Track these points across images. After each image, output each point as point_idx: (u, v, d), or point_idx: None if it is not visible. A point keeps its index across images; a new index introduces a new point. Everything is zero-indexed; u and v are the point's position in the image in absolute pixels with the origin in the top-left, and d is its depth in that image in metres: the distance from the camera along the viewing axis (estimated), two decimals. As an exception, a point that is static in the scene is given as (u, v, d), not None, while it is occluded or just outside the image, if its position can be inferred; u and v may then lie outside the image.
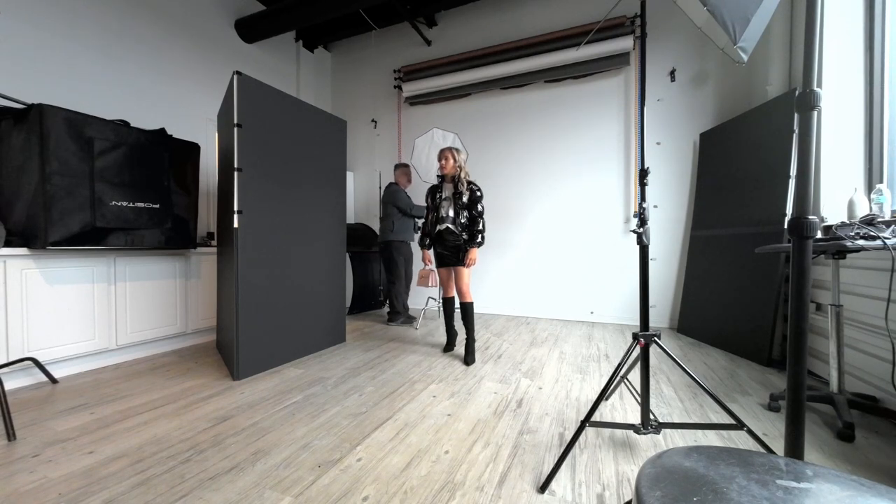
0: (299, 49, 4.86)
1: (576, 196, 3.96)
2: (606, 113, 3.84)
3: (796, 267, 0.82)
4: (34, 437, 1.60)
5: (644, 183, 1.42)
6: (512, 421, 1.74)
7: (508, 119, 4.26)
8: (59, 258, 2.30)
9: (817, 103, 0.79)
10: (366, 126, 5.05)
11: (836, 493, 0.53)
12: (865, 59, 2.24)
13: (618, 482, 1.29)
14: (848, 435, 1.54)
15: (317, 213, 2.78)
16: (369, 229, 4.64)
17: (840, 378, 1.71)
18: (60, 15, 2.76)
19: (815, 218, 0.81)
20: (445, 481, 1.30)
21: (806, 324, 0.81)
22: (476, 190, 2.59)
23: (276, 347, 2.48)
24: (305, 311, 2.69)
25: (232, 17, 4.05)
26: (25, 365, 2.15)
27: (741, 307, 2.73)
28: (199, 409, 1.87)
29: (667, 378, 2.25)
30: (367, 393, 2.06)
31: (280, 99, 2.51)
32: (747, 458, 0.61)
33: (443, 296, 2.83)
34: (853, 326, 1.96)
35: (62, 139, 2.18)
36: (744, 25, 1.04)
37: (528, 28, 4.09)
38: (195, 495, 1.23)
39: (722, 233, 3.03)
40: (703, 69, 3.46)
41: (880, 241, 1.46)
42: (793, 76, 2.93)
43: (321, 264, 2.83)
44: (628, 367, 1.66)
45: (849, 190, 2.01)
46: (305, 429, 1.66)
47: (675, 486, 0.54)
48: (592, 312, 3.88)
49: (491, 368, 2.45)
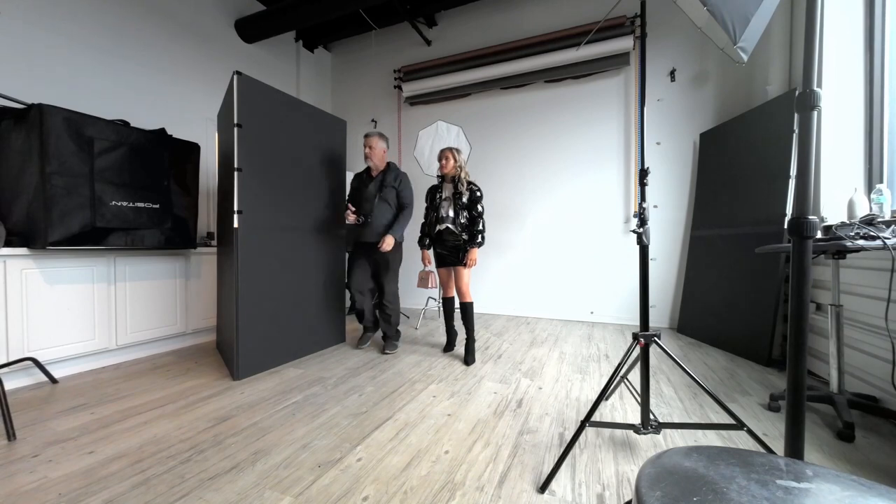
0: (299, 49, 4.86)
1: (576, 196, 3.96)
2: (606, 113, 3.84)
3: (796, 267, 0.82)
4: (34, 437, 1.60)
5: (644, 183, 1.42)
6: (512, 421, 1.74)
7: (508, 119, 4.26)
8: (59, 258, 2.30)
9: (817, 103, 0.79)
10: (366, 126, 5.04)
11: (836, 493, 0.53)
12: (865, 59, 2.24)
13: (618, 482, 1.29)
14: (848, 435, 1.54)
15: (317, 213, 2.78)
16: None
17: (840, 378, 1.71)
18: (60, 15, 2.76)
19: (815, 218, 0.81)
20: (445, 481, 1.30)
21: (806, 324, 0.81)
22: (476, 190, 2.59)
23: (276, 347, 2.48)
24: (305, 311, 2.69)
25: (232, 17, 4.05)
26: (25, 365, 2.15)
27: (741, 307, 2.72)
28: (199, 409, 1.87)
29: (667, 378, 2.25)
30: (367, 393, 2.06)
31: (280, 99, 2.51)
32: (747, 458, 0.61)
33: (443, 296, 2.83)
34: (853, 326, 1.96)
35: (62, 139, 2.18)
36: (744, 25, 1.04)
37: (528, 28, 4.08)
38: (195, 495, 1.23)
39: (722, 233, 3.03)
40: (703, 69, 3.46)
41: (880, 241, 1.46)
42: (793, 76, 2.93)
43: (321, 264, 2.83)
44: (628, 367, 1.66)
45: (849, 190, 2.01)
46: (305, 429, 1.66)
47: (675, 486, 0.54)
48: (592, 312, 3.88)
49: (491, 368, 2.45)
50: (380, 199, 2.75)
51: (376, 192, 2.76)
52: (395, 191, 2.79)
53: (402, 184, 2.81)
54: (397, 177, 2.81)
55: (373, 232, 2.74)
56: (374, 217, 2.73)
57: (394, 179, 2.79)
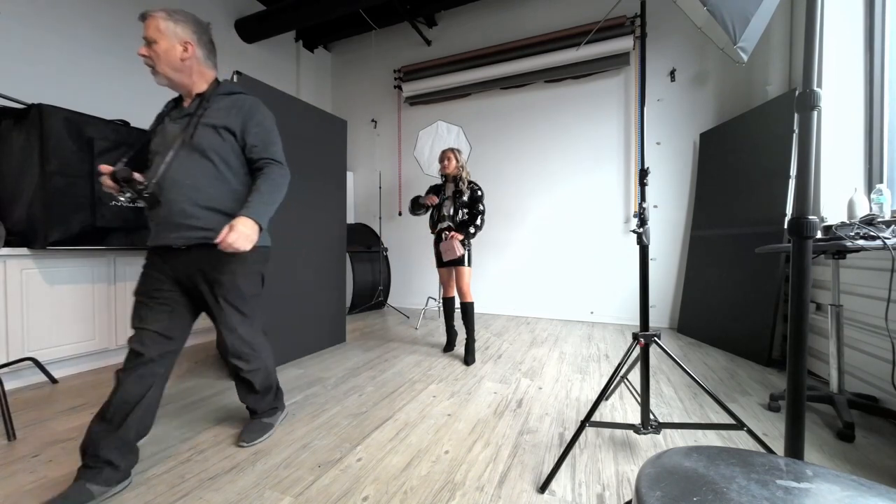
0: (299, 49, 4.86)
1: (576, 196, 3.96)
2: (606, 113, 3.83)
3: (796, 267, 0.82)
4: (34, 437, 1.60)
5: (644, 183, 1.42)
6: (512, 421, 1.74)
7: (508, 119, 4.26)
8: (59, 258, 2.30)
9: (817, 103, 0.79)
10: (366, 126, 5.05)
11: (836, 493, 0.53)
12: (865, 59, 2.24)
13: (618, 482, 1.29)
14: (848, 435, 1.54)
15: (317, 213, 2.78)
16: (369, 229, 4.64)
17: (840, 378, 1.71)
18: (60, 15, 2.75)
19: (815, 218, 0.81)
20: (445, 481, 1.30)
21: (806, 324, 0.81)
22: (477, 189, 2.60)
23: (276, 347, 2.46)
24: (305, 311, 2.69)
25: (232, 17, 4.05)
26: (25, 365, 2.15)
27: (741, 307, 2.72)
28: (199, 409, 1.87)
29: (667, 378, 2.25)
30: (367, 393, 2.06)
31: (280, 99, 2.51)
32: (747, 458, 0.61)
33: (443, 296, 2.83)
34: (853, 326, 1.95)
35: (62, 139, 2.18)
36: (744, 25, 1.04)
37: (528, 28, 4.08)
38: (195, 495, 1.23)
39: (722, 233, 3.03)
40: (703, 69, 3.46)
41: (880, 241, 1.46)
42: (793, 76, 2.93)
43: (321, 264, 2.83)
44: (628, 367, 1.66)
45: (849, 190, 2.00)
46: (305, 429, 1.66)
47: (675, 486, 0.54)
48: (592, 312, 3.88)
49: (491, 368, 2.45)
50: (190, 149, 1.31)
51: (183, 134, 1.32)
52: (233, 130, 1.37)
53: (250, 111, 1.40)
54: (241, 106, 1.39)
55: (175, 217, 1.31)
56: (180, 185, 1.30)
57: (231, 108, 1.38)
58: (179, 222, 1.31)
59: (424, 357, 2.69)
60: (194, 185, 1.31)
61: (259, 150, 1.41)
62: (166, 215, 1.31)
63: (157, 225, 1.34)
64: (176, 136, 1.32)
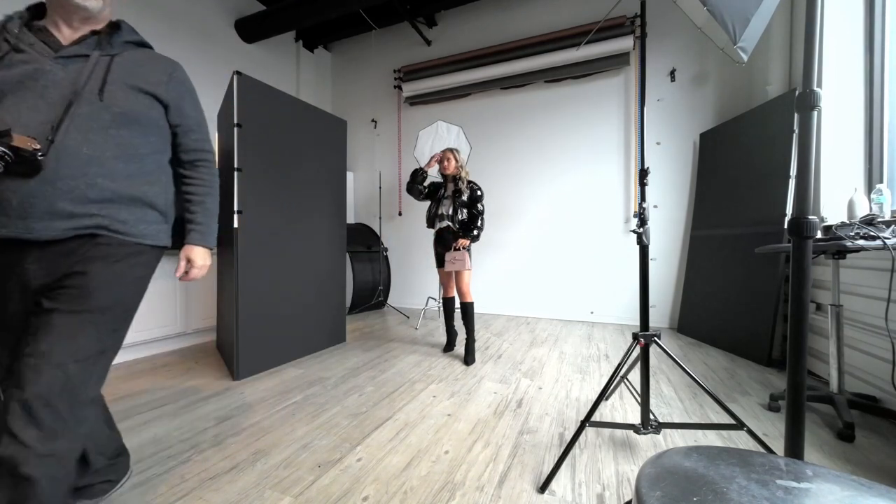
0: (299, 49, 4.86)
1: (576, 196, 3.96)
2: (606, 113, 3.83)
3: (796, 267, 0.82)
4: (34, 437, 1.59)
5: (644, 183, 1.42)
6: (512, 421, 1.74)
7: (508, 119, 4.26)
8: None
9: (817, 103, 0.79)
10: (366, 126, 5.05)
11: (836, 493, 0.53)
12: (865, 59, 2.24)
13: (618, 482, 1.29)
14: (848, 435, 1.54)
15: (317, 213, 2.78)
16: (369, 229, 4.65)
17: (840, 378, 1.71)
18: (60, 15, 2.76)
19: (815, 218, 0.81)
20: (445, 481, 1.30)
21: (806, 324, 0.81)
22: (476, 189, 2.60)
23: (276, 347, 2.48)
24: (305, 310, 2.69)
25: (232, 17, 4.05)
26: (25, 365, 2.14)
27: (741, 307, 2.72)
28: (199, 409, 1.87)
29: (667, 378, 2.25)
30: (367, 393, 2.06)
31: (280, 99, 2.51)
32: (747, 458, 0.61)
33: (443, 296, 2.83)
34: (853, 326, 1.96)
35: (62, 139, 2.16)
36: (744, 25, 1.04)
37: (529, 28, 4.08)
38: (195, 495, 1.24)
39: (722, 233, 3.03)
40: (703, 69, 3.46)
41: (880, 241, 1.46)
42: (793, 76, 2.93)
43: (321, 264, 2.83)
44: (628, 367, 1.66)
45: (849, 190, 2.00)
46: (305, 429, 1.66)
47: (675, 486, 0.54)
48: (592, 312, 3.88)
49: (491, 368, 2.45)
50: (96, 108, 0.95)
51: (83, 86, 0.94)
52: (165, 101, 1.08)
53: (186, 83, 1.14)
54: (171, 73, 1.10)
55: (58, 198, 0.90)
56: (75, 155, 0.91)
57: (155, 68, 1.07)
58: (61, 207, 0.89)
59: (424, 357, 2.69)
60: (96, 157, 0.94)
61: (198, 139, 1.16)
62: (39, 195, 0.87)
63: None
64: (65, 83, 0.92)
